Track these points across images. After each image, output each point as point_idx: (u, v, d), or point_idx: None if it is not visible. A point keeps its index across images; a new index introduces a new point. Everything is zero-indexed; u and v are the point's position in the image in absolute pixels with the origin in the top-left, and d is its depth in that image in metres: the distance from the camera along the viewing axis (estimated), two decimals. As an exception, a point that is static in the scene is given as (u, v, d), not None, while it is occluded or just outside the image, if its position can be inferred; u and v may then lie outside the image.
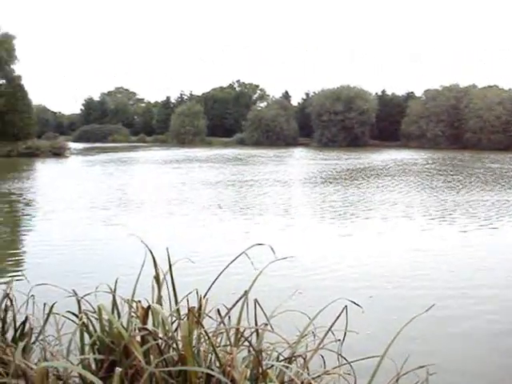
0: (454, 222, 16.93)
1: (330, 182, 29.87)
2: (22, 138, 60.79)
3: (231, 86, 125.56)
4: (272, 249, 3.65)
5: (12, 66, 64.38)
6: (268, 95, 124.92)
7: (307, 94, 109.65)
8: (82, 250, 12.40)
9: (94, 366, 3.55)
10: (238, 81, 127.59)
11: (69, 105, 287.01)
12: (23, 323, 4.55)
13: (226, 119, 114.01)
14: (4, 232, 15.56)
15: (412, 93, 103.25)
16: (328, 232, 15.39)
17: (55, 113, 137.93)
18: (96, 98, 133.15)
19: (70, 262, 10.91)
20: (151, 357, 3.38)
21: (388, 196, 23.39)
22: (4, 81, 64.34)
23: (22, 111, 62.65)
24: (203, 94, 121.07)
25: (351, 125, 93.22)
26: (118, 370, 2.69)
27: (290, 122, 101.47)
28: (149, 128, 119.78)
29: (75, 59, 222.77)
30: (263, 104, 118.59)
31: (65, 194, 24.06)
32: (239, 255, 3.72)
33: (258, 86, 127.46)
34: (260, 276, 3.79)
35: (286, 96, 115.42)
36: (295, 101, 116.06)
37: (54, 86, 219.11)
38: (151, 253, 3.72)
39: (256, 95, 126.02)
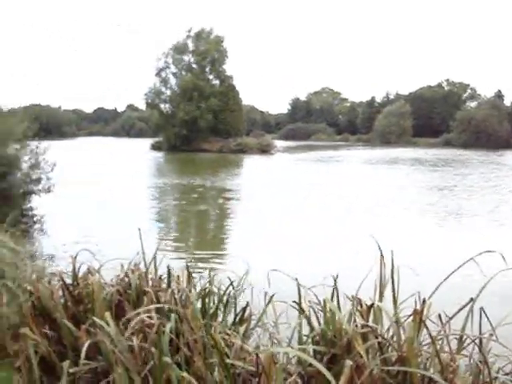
0: None
1: None
2: (232, 135, 64.51)
3: (440, 85, 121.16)
4: (503, 257, 3.48)
5: (224, 67, 68.61)
6: (479, 95, 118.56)
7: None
8: (302, 246, 12.68)
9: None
10: (447, 80, 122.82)
11: (275, 105, 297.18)
12: (244, 309, 4.82)
13: (433, 119, 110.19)
14: (226, 227, 16.58)
15: None
16: None
17: (262, 112, 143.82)
18: (302, 98, 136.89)
19: (284, 258, 11.20)
20: (369, 354, 3.41)
21: None
22: (217, 81, 68.74)
23: (234, 110, 66.39)
24: (410, 93, 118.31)
25: None
26: (349, 362, 2.75)
27: (503, 123, 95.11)
28: (352, 127, 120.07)
29: (284, 61, 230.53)
30: (473, 104, 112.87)
31: (280, 191, 24.66)
32: (466, 261, 3.58)
33: (468, 85, 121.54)
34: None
35: (499, 95, 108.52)
36: (508, 101, 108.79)
37: (262, 87, 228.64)
38: (381, 253, 3.73)
39: (466, 94, 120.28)
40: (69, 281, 5.00)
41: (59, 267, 5.90)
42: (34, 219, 14.31)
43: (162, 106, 69.69)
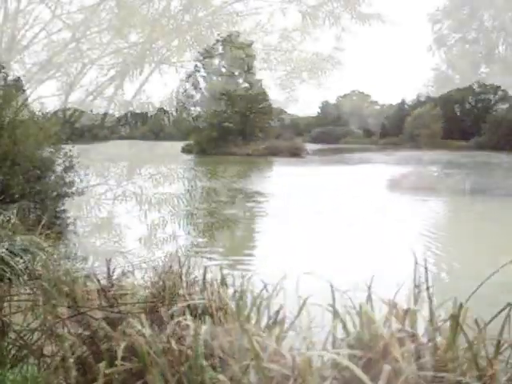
0: None
1: None
2: (262, 138, 64.48)
3: (470, 88, 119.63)
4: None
5: (253, 70, 68.55)
6: (511, 96, 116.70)
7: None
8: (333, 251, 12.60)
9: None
10: (477, 82, 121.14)
11: (306, 108, 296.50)
12: (277, 312, 4.82)
13: (464, 121, 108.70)
14: (256, 231, 16.56)
15: None
16: None
17: (292, 115, 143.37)
18: (332, 101, 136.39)
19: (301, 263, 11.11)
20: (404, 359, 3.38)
21: None
22: (247, 84, 68.83)
23: (263, 113, 66.38)
24: (440, 95, 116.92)
25: None
26: (387, 367, 2.73)
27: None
28: (382, 130, 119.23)
29: (314, 63, 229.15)
30: (505, 106, 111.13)
31: (314, 195, 24.37)
32: (505, 264, 3.54)
33: (499, 87, 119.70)
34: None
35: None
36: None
37: (292, 90, 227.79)
38: (415, 258, 3.72)
39: (497, 96, 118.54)
40: (103, 282, 5.06)
41: (94, 269, 5.98)
42: (68, 221, 14.45)
43: (191, 109, 70.02)
